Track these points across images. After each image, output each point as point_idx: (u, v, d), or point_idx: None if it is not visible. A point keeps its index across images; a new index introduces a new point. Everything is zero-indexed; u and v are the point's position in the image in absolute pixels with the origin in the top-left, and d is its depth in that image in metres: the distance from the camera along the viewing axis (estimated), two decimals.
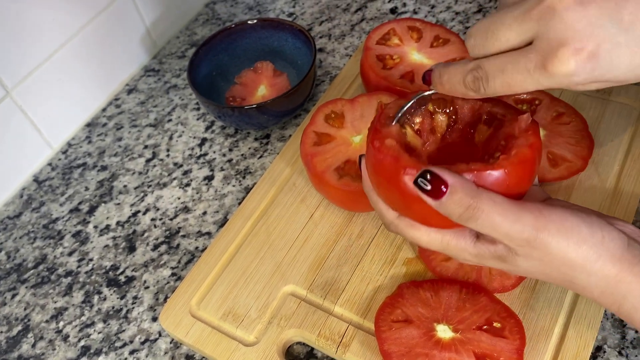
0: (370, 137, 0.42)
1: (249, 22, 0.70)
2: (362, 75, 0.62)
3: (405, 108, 0.43)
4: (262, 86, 0.70)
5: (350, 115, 0.56)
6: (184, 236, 0.61)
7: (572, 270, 0.37)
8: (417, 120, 0.44)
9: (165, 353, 0.53)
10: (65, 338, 0.56)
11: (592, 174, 0.56)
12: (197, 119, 0.72)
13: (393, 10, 0.79)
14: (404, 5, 0.80)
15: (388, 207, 0.42)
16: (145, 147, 0.71)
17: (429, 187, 0.37)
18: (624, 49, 0.33)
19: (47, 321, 0.57)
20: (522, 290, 0.50)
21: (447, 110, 0.44)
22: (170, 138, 0.71)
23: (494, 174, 0.37)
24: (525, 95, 0.60)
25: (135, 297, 0.57)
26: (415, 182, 0.37)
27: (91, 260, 0.61)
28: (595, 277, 0.37)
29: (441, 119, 0.44)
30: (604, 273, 0.37)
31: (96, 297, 0.58)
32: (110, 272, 0.60)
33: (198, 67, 0.69)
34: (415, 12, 0.78)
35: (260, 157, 0.67)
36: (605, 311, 0.49)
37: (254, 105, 0.63)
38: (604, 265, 0.37)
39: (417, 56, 0.60)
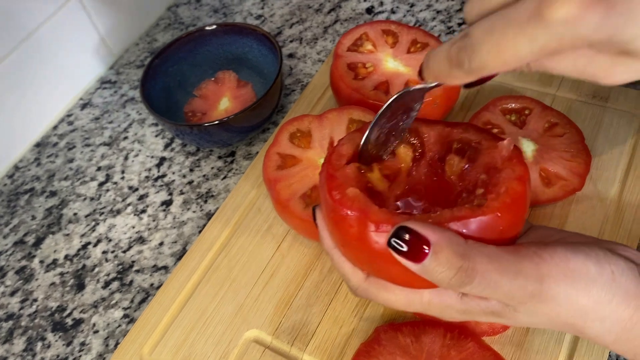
0: (326, 185, 0.35)
1: (207, 28, 0.63)
2: (332, 86, 0.55)
3: (362, 143, 0.36)
4: (225, 98, 0.63)
5: (318, 134, 0.50)
6: (137, 271, 0.55)
7: (583, 320, 0.32)
8: (377, 156, 0.37)
9: None
10: None
11: (590, 192, 0.50)
12: (156, 136, 0.66)
13: (369, 10, 0.73)
14: (381, 4, 0.73)
15: (355, 268, 0.36)
16: (99, 168, 0.64)
17: (406, 249, 0.30)
18: None
19: None
20: (515, 331, 0.44)
21: (412, 141, 0.38)
22: (126, 158, 0.64)
23: (485, 220, 0.31)
24: (513, 105, 0.54)
25: (82, 344, 0.51)
26: (390, 243, 0.31)
27: (35, 300, 0.55)
28: (609, 321, 0.31)
29: (406, 151, 0.38)
30: (618, 316, 0.31)
31: (39, 345, 0.52)
32: (56, 314, 0.53)
33: (153, 79, 0.62)
34: (393, 12, 0.72)
35: (224, 177, 0.60)
36: (610, 352, 0.43)
37: (215, 122, 0.56)
38: (618, 306, 0.31)
39: (393, 64, 0.54)
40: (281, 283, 0.49)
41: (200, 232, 0.56)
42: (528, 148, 0.50)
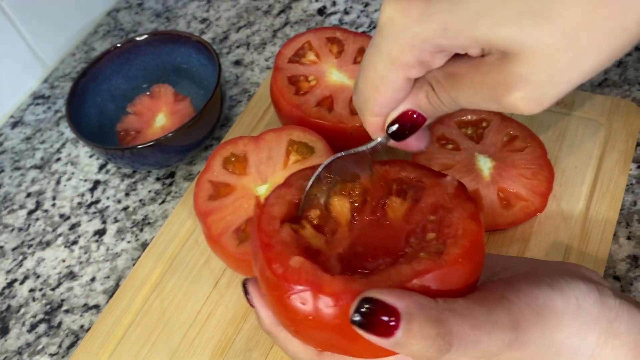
0: (263, 257, 0.29)
1: (139, 38, 0.58)
2: (272, 102, 0.51)
3: (302, 203, 0.32)
4: (161, 114, 0.58)
5: (255, 158, 0.45)
6: (67, 311, 0.50)
7: (557, 356, 0.30)
8: (312, 211, 0.32)
9: None
10: None
11: (553, 213, 0.46)
12: (90, 157, 0.61)
13: (321, 11, 0.68)
14: (334, 4, 0.68)
15: (305, 346, 0.31)
16: (28, 195, 0.59)
17: (372, 324, 0.26)
18: None
19: None
20: None
21: (346, 189, 0.33)
22: (58, 182, 0.59)
23: (450, 271, 0.27)
24: (469, 117, 0.49)
25: None
26: (353, 321, 0.26)
27: None
28: (580, 352, 0.30)
29: (341, 203, 0.33)
30: (586, 344, 0.30)
31: None
32: None
33: (83, 96, 0.57)
34: (346, 12, 0.67)
35: (162, 202, 0.55)
36: None
37: (150, 143, 0.51)
38: (586, 334, 0.30)
39: (337, 76, 0.49)
40: (218, 325, 0.44)
41: (134, 264, 0.51)
42: (485, 165, 0.46)
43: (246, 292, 0.32)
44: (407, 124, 0.30)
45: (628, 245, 0.44)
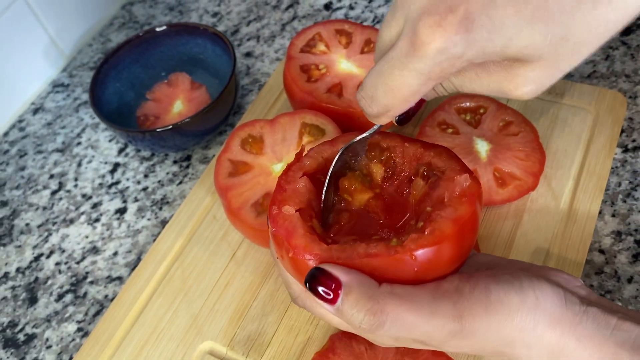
0: (272, 196, 0.35)
1: (158, 29, 0.62)
2: (285, 89, 0.54)
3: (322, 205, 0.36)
4: (179, 101, 0.62)
5: (271, 139, 0.49)
6: (92, 282, 0.54)
7: (511, 347, 0.32)
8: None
9: None
10: None
11: (544, 191, 0.50)
12: (109, 141, 0.64)
13: (327, 6, 0.72)
14: (339, 0, 0.72)
15: (295, 280, 0.35)
16: (51, 176, 0.62)
17: (317, 289, 0.31)
18: (502, 5, 0.26)
19: None
20: None
21: (382, 159, 0.37)
22: (79, 165, 0.63)
23: (398, 262, 0.30)
24: (468, 104, 0.53)
25: (35, 359, 0.50)
26: (307, 285, 0.31)
27: None
28: (536, 347, 0.32)
29: (375, 170, 0.37)
30: (545, 341, 0.32)
31: None
32: (8, 330, 0.52)
33: (104, 83, 0.60)
34: (351, 8, 0.71)
35: (180, 183, 0.59)
36: None
37: (169, 127, 0.55)
38: (544, 332, 0.31)
39: (346, 65, 0.53)
40: (236, 293, 0.48)
41: (155, 240, 0.54)
42: (482, 148, 0.50)
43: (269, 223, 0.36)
44: (412, 111, 0.34)
45: (612, 222, 0.48)
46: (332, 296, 0.30)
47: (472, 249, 0.34)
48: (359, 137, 0.36)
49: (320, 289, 0.30)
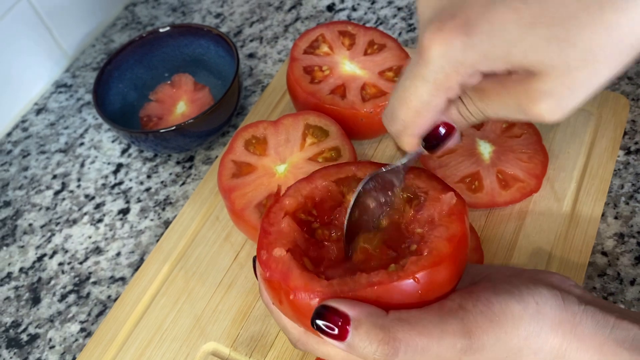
0: (258, 241, 0.34)
1: (161, 29, 0.62)
2: (289, 90, 0.54)
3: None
4: (182, 102, 0.62)
5: (274, 140, 0.49)
6: (94, 283, 0.54)
7: (519, 356, 0.32)
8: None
9: None
10: None
11: (547, 194, 0.50)
12: (112, 142, 0.64)
13: (330, 8, 0.72)
14: (342, 1, 0.72)
15: (293, 323, 0.35)
16: (54, 176, 0.62)
17: (330, 328, 0.30)
18: (502, 9, 0.26)
19: None
20: None
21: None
22: (82, 165, 0.63)
23: (402, 286, 0.30)
24: None
25: (38, 359, 0.50)
26: (313, 324, 0.31)
27: None
28: (542, 352, 0.32)
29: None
30: (549, 345, 0.32)
31: None
32: (11, 330, 0.52)
33: (107, 84, 0.61)
34: (354, 9, 0.71)
35: (183, 184, 0.59)
36: None
37: (172, 127, 0.55)
38: (547, 336, 0.32)
39: (349, 66, 0.53)
40: (239, 293, 0.48)
41: (158, 241, 0.54)
42: (485, 150, 0.50)
43: (255, 267, 0.36)
44: (441, 136, 0.33)
45: (615, 224, 0.48)
46: (339, 332, 0.30)
47: (465, 264, 0.34)
48: (390, 166, 0.36)
49: (328, 326, 0.30)
